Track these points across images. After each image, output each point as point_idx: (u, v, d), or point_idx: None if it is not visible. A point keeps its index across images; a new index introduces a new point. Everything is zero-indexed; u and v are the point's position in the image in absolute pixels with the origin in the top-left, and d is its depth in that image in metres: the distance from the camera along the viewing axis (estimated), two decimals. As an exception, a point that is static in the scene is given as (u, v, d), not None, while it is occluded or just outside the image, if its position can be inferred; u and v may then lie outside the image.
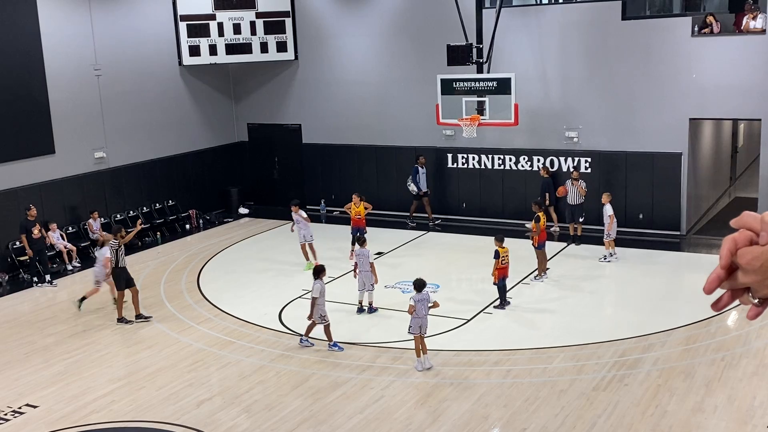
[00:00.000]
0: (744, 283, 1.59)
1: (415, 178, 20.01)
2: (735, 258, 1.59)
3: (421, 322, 11.47)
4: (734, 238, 1.60)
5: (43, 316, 14.99)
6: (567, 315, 13.78)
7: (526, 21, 19.26)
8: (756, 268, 1.55)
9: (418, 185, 19.99)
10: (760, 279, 1.56)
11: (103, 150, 19.96)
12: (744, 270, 1.58)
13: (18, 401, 11.18)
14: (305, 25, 22.17)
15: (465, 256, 17.49)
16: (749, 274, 1.57)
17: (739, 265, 1.58)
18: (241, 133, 24.04)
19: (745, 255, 1.56)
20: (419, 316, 11.44)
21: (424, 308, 11.49)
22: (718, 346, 12.05)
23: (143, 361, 12.49)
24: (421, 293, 11.52)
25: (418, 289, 11.58)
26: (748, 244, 1.57)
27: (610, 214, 16.42)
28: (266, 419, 10.29)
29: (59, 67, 18.66)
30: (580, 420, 9.88)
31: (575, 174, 18.18)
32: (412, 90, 20.64)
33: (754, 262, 1.55)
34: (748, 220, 1.59)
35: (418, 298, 11.50)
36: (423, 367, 11.53)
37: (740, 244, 1.58)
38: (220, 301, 15.28)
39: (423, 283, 11.68)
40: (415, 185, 20.01)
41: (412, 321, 11.50)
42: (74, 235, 18.87)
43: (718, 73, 17.42)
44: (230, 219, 22.47)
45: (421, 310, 11.45)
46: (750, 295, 1.62)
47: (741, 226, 1.60)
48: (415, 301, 11.47)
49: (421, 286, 11.60)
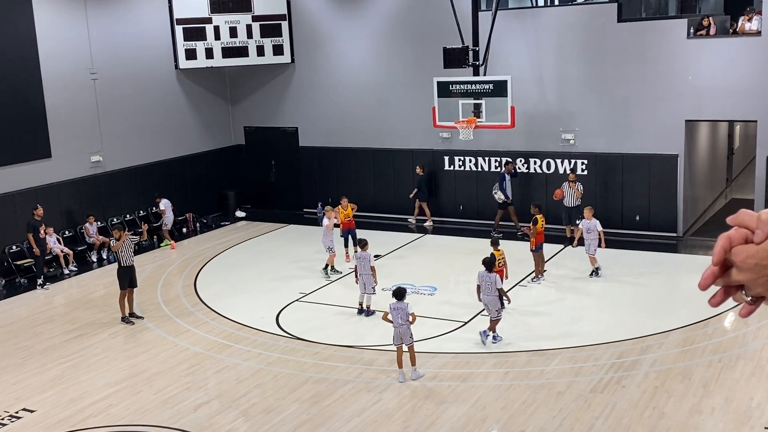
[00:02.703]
0: (738, 281, 1.61)
1: (502, 185, 18.91)
2: (729, 255, 1.60)
3: (400, 332, 11.16)
4: (729, 235, 1.61)
5: (41, 320, 14.96)
6: (564, 317, 13.79)
7: (522, 23, 19.28)
8: (750, 266, 1.56)
9: (504, 193, 18.91)
10: (754, 277, 1.58)
11: (100, 154, 19.94)
12: (738, 268, 1.59)
13: (15, 406, 11.15)
14: (302, 29, 22.18)
15: (462, 258, 17.48)
16: (743, 272, 1.58)
17: (734, 262, 1.59)
18: (237, 136, 24.03)
19: (740, 253, 1.58)
20: (396, 325, 11.17)
21: (400, 317, 11.14)
22: (716, 347, 12.06)
23: (140, 364, 12.47)
24: (400, 302, 11.22)
25: (397, 298, 11.27)
26: (744, 242, 1.58)
27: (600, 229, 15.59)
28: (264, 423, 10.28)
29: (55, 71, 18.64)
30: (577, 422, 9.88)
31: (571, 176, 18.21)
32: (409, 93, 20.65)
33: (748, 261, 1.56)
34: (744, 218, 1.60)
35: (395, 306, 11.20)
36: (405, 379, 11.25)
37: (735, 242, 1.59)
38: (217, 304, 15.26)
39: (403, 291, 11.39)
40: (501, 193, 18.89)
41: (394, 332, 11.26)
42: (71, 239, 18.84)
43: (714, 75, 17.45)
44: (227, 222, 22.45)
45: (396, 319, 11.15)
46: (743, 293, 1.63)
47: (737, 223, 1.61)
48: (390, 309, 11.22)
49: (401, 294, 11.30)
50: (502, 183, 18.92)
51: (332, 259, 16.62)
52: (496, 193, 18.96)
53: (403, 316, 11.19)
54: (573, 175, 18.27)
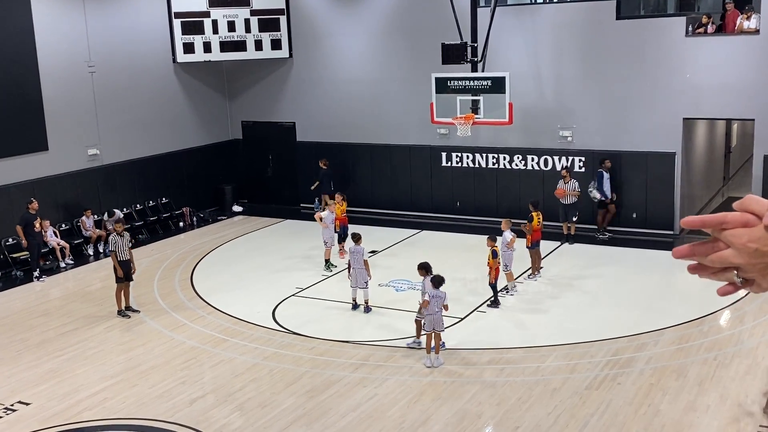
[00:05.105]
0: (734, 264, 1.60)
1: (600, 183, 18.28)
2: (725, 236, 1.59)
3: (434, 318, 11.39)
4: (725, 214, 1.61)
5: (36, 313, 14.94)
6: (560, 314, 13.81)
7: (520, 20, 19.27)
8: (751, 251, 1.57)
9: (602, 191, 18.29)
10: (753, 262, 1.58)
11: (97, 147, 19.90)
12: (738, 251, 1.58)
13: (10, 398, 11.14)
14: (300, 23, 22.15)
15: (459, 254, 17.49)
16: (742, 256, 1.58)
17: (733, 245, 1.59)
18: (235, 130, 23.99)
19: (742, 236, 1.57)
20: (431, 312, 11.36)
21: (437, 305, 11.37)
22: (711, 345, 12.08)
23: (136, 358, 12.47)
24: (438, 290, 11.40)
25: (436, 286, 11.43)
26: (741, 226, 1.58)
27: (508, 241, 14.46)
28: (259, 417, 10.28)
29: (53, 64, 18.59)
30: (572, 419, 9.90)
31: (564, 173, 18.25)
32: (407, 88, 20.63)
33: (749, 245, 1.56)
34: (750, 203, 1.60)
35: (434, 294, 11.39)
36: (431, 364, 11.46)
37: (732, 224, 1.58)
38: (214, 298, 15.25)
39: (442, 279, 11.54)
40: (597, 192, 18.24)
41: (426, 318, 11.44)
42: (67, 232, 18.81)
43: (711, 73, 17.45)
44: (224, 217, 22.44)
45: (433, 306, 11.35)
46: (735, 274, 1.63)
47: (743, 208, 1.61)
48: (430, 297, 11.37)
49: (440, 282, 11.47)
50: (600, 181, 18.28)
51: (328, 252, 16.69)
52: (592, 192, 18.30)
53: (440, 304, 11.36)
54: (565, 172, 18.30)
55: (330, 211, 16.89)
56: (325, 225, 16.61)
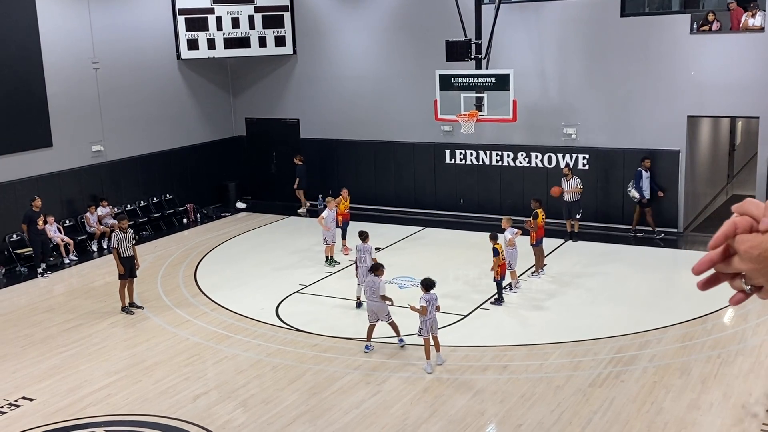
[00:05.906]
0: (739, 269, 1.59)
1: (638, 183, 17.94)
2: (733, 243, 1.58)
3: (432, 323, 11.34)
4: (735, 221, 1.59)
5: (40, 309, 14.98)
6: (564, 311, 13.80)
7: (525, 17, 19.24)
8: (754, 256, 1.55)
9: (640, 191, 17.94)
10: (757, 267, 1.56)
11: (101, 143, 19.93)
12: (741, 256, 1.57)
13: (14, 394, 11.18)
14: (304, 20, 22.14)
15: (462, 252, 17.49)
16: (746, 261, 1.57)
17: (737, 250, 1.58)
18: (239, 127, 24.01)
19: (745, 242, 1.56)
20: (429, 317, 11.29)
21: (433, 308, 11.33)
22: (714, 343, 12.07)
23: (140, 354, 12.49)
24: (430, 293, 11.34)
25: (426, 289, 11.36)
26: (749, 231, 1.57)
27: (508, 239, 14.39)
28: (262, 413, 10.30)
29: (57, 60, 18.61)
30: (576, 416, 9.90)
31: (566, 170, 18.24)
32: (411, 85, 20.62)
33: (752, 250, 1.55)
34: (749, 206, 1.59)
35: (428, 297, 11.31)
36: (432, 369, 11.35)
37: (740, 230, 1.58)
38: (217, 295, 15.27)
39: (432, 282, 11.50)
40: (636, 191, 17.95)
41: (423, 323, 11.31)
42: (71, 228, 18.85)
43: (716, 71, 17.42)
44: (228, 213, 22.45)
45: (431, 310, 11.30)
46: (743, 281, 1.62)
47: (742, 212, 1.60)
48: (426, 301, 11.28)
49: (430, 286, 11.40)
50: (638, 181, 17.98)
51: (331, 249, 16.69)
52: (630, 191, 18.05)
53: (433, 306, 11.35)
54: (567, 169, 18.29)
55: (330, 209, 16.84)
56: (327, 228, 16.52)
